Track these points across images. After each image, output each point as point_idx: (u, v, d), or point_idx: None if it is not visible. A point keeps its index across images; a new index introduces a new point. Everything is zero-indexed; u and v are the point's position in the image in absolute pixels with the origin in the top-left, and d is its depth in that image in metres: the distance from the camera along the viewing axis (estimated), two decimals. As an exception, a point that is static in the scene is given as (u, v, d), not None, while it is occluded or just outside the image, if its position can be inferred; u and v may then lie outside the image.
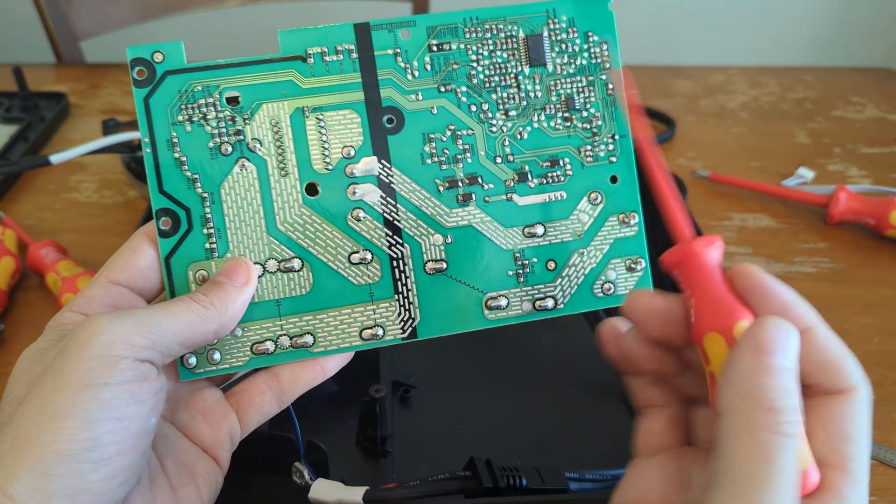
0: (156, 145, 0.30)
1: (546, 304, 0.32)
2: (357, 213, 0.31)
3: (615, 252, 0.33)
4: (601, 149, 0.33)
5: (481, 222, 0.32)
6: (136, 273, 0.29)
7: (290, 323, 0.30)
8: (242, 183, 0.30)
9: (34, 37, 1.13)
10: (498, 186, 0.32)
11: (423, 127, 0.32)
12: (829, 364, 0.24)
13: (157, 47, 0.30)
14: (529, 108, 0.32)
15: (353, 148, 0.31)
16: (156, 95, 0.30)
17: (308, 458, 0.35)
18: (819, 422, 0.24)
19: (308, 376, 0.31)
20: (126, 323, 0.25)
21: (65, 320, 0.27)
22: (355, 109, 0.31)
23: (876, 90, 0.87)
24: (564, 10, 0.32)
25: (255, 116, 0.30)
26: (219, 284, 0.29)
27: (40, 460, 0.23)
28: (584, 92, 0.33)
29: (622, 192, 0.33)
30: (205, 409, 0.30)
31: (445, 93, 0.32)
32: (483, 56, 0.32)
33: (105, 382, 0.24)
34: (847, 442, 0.23)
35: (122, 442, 0.24)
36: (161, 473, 0.28)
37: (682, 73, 0.90)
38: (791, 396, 0.22)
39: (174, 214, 0.30)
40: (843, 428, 0.23)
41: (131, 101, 0.79)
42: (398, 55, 0.31)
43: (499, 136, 0.32)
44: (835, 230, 0.62)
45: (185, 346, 0.27)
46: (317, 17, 1.47)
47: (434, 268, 0.31)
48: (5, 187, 0.62)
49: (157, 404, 0.26)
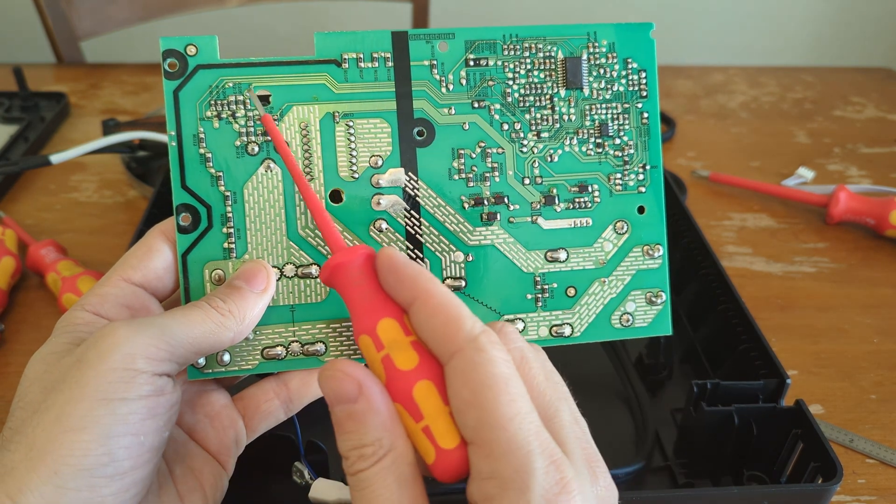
0: (182, 139, 0.29)
1: (563, 331, 0.32)
2: (380, 224, 0.31)
3: (637, 283, 0.33)
4: (631, 178, 0.33)
5: (504, 243, 0.32)
6: (150, 273, 0.28)
7: (303, 330, 0.30)
8: (266, 184, 0.30)
9: (34, 37, 1.13)
10: (524, 208, 0.32)
11: (453, 142, 0.31)
12: (432, 335, 0.23)
13: (191, 40, 0.29)
14: (562, 131, 0.32)
15: (381, 158, 0.31)
16: (186, 89, 0.29)
17: (308, 458, 0.34)
18: (450, 398, 0.23)
19: (317, 386, 0.30)
20: (146, 335, 0.25)
21: (77, 320, 0.27)
22: (386, 119, 0.31)
23: (876, 90, 0.87)
24: (606, 34, 0.32)
25: (285, 118, 0.30)
26: (237, 289, 0.28)
27: (55, 473, 0.22)
28: (618, 119, 0.33)
29: (649, 224, 0.33)
30: (212, 412, 0.30)
31: (478, 109, 0.31)
32: (520, 75, 0.32)
33: (123, 397, 0.24)
34: (469, 409, 0.22)
35: (138, 457, 0.24)
36: (169, 480, 0.28)
37: (682, 73, 0.90)
38: (361, 436, 0.23)
39: (195, 211, 0.29)
40: (460, 396, 0.22)
41: (131, 101, 0.79)
42: (434, 67, 0.31)
43: (529, 157, 0.32)
44: (835, 230, 0.62)
45: (200, 354, 0.27)
46: (317, 17, 1.47)
47: (452, 285, 0.31)
48: (5, 187, 0.62)
49: (171, 417, 0.26)
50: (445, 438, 0.22)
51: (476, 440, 0.22)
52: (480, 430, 0.21)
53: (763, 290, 0.55)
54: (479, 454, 0.21)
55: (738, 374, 0.41)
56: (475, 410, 0.22)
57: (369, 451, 0.22)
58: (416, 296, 0.24)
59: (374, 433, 0.22)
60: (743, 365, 0.40)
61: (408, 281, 0.24)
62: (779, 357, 0.38)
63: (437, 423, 0.23)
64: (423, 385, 0.23)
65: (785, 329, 0.51)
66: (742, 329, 0.41)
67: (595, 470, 0.23)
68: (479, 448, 0.21)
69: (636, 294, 0.33)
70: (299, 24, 1.44)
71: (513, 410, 0.21)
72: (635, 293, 0.33)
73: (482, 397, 0.22)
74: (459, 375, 0.22)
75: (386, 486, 0.22)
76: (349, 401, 0.23)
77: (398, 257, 0.25)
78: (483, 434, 0.21)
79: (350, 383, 0.23)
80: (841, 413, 0.44)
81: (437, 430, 0.23)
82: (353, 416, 0.23)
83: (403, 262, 0.24)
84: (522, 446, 0.21)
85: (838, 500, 0.39)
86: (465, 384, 0.22)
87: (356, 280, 0.25)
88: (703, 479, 0.39)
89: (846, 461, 0.41)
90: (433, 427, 0.23)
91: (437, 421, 0.23)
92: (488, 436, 0.21)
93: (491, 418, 0.21)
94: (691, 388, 0.37)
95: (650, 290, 0.33)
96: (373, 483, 0.22)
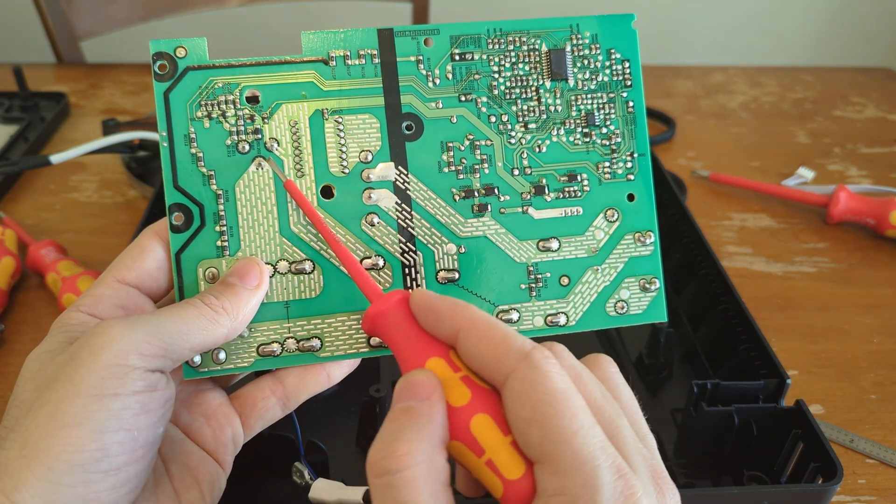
0: (173, 140, 0.29)
1: (558, 320, 0.32)
2: (371, 219, 0.31)
3: (630, 271, 0.33)
4: (619, 166, 0.33)
5: (496, 234, 0.32)
6: (143, 273, 0.29)
7: (298, 326, 0.30)
8: (258, 182, 0.30)
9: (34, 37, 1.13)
10: (514, 199, 0.32)
11: (441, 135, 0.31)
12: (483, 361, 0.23)
13: (181, 42, 0.30)
14: (549, 122, 0.32)
15: (370, 153, 0.31)
16: (176, 90, 0.30)
17: (308, 458, 0.34)
18: (510, 420, 0.22)
19: (313, 382, 0.30)
20: (138, 331, 0.25)
21: (72, 320, 0.27)
22: (375, 114, 0.31)
23: (876, 90, 0.87)
24: (588, 26, 0.33)
25: (274, 116, 0.30)
26: (230, 286, 0.28)
27: (49, 469, 0.22)
28: (604, 108, 0.33)
29: (639, 211, 0.33)
30: (208, 411, 0.30)
31: (466, 102, 0.32)
32: (505, 68, 0.32)
33: (116, 393, 0.24)
34: (531, 428, 0.21)
35: (131, 452, 0.24)
36: (165, 478, 0.28)
37: (682, 73, 0.90)
38: (406, 432, 0.22)
39: (187, 210, 0.30)
40: (520, 416, 0.22)
41: (131, 101, 0.79)
42: (420, 62, 0.31)
43: (517, 149, 0.32)
44: (835, 230, 0.62)
45: (194, 351, 0.27)
46: (317, 17, 1.47)
47: (446, 277, 0.31)
48: (5, 187, 0.62)
49: (165, 413, 0.26)
50: (510, 468, 0.22)
51: (541, 458, 0.21)
52: (544, 447, 0.21)
53: (763, 290, 0.55)
54: (544, 471, 0.21)
55: (738, 374, 0.41)
56: (537, 428, 0.21)
57: (404, 450, 0.21)
58: (458, 327, 0.23)
59: (418, 434, 0.22)
60: (743, 365, 0.40)
61: (446, 315, 0.24)
62: (779, 357, 0.38)
63: (500, 454, 0.22)
64: (479, 419, 0.22)
65: (785, 329, 0.51)
66: (742, 329, 0.41)
67: (662, 487, 0.23)
68: (544, 465, 0.21)
69: (630, 281, 0.33)
70: (299, 23, 1.44)
71: (576, 425, 0.21)
72: (629, 280, 0.33)
73: (542, 414, 0.21)
74: (517, 395, 0.22)
75: (418, 497, 0.21)
76: (417, 397, 0.22)
77: (430, 295, 0.24)
78: (547, 450, 0.21)
79: (427, 385, 0.23)
80: (841, 413, 0.44)
81: (500, 461, 0.22)
82: (410, 412, 0.22)
83: (437, 298, 0.24)
84: (589, 461, 0.20)
85: (838, 500, 0.39)
86: (524, 403, 0.21)
87: (398, 324, 0.25)
88: (703, 479, 0.39)
89: (846, 461, 0.41)
90: (496, 459, 0.22)
91: (500, 452, 0.22)
92: (553, 452, 0.21)
93: (554, 434, 0.21)
94: (691, 388, 0.37)
95: (643, 277, 0.33)
96: (403, 491, 0.21)
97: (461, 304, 0.24)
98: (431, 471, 0.21)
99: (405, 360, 0.25)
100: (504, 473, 0.22)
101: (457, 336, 0.24)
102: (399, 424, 0.22)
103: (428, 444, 0.22)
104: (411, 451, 0.21)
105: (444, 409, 0.23)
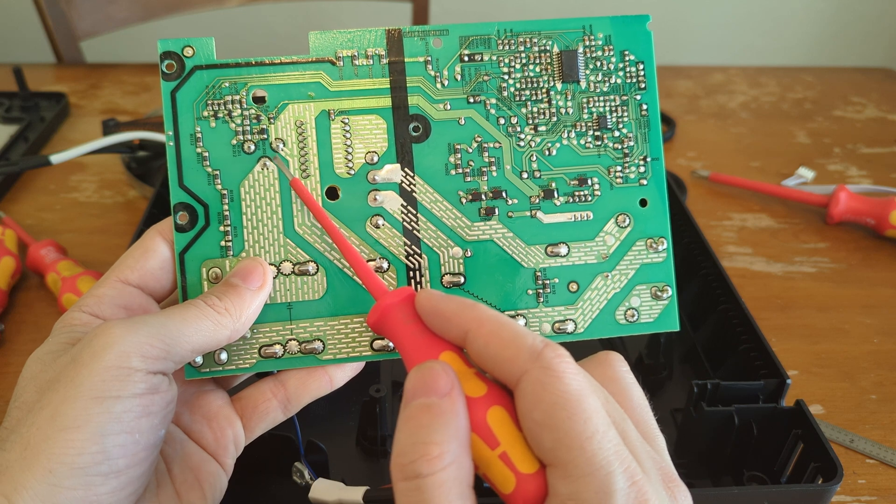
0: (179, 139, 0.29)
1: (566, 328, 0.31)
2: (376, 220, 0.31)
3: (641, 278, 0.32)
4: (632, 170, 0.32)
5: (503, 238, 0.31)
6: (147, 274, 0.28)
7: (301, 328, 0.30)
8: (263, 182, 0.30)
9: (34, 37, 1.13)
10: (522, 202, 0.32)
11: (449, 137, 0.31)
12: (494, 362, 0.22)
13: (188, 42, 0.30)
14: (559, 125, 0.32)
15: (376, 154, 0.31)
16: (183, 89, 0.30)
17: (308, 458, 0.34)
18: (522, 421, 0.22)
19: (315, 385, 0.30)
20: (140, 333, 0.25)
21: (74, 321, 0.27)
22: (382, 115, 0.31)
23: (876, 90, 0.87)
24: (601, 27, 0.32)
25: (281, 116, 0.30)
26: (233, 287, 0.28)
27: (50, 472, 0.22)
28: (616, 111, 0.32)
29: (652, 217, 0.32)
30: (210, 413, 0.30)
31: (474, 104, 0.31)
32: (515, 69, 0.32)
33: (117, 395, 0.23)
34: (543, 431, 0.21)
35: (133, 455, 0.24)
36: (167, 479, 0.28)
37: (682, 73, 0.90)
38: (433, 432, 0.21)
39: (192, 209, 0.30)
40: (532, 419, 0.21)
41: (131, 101, 0.79)
42: (428, 63, 0.31)
43: (526, 151, 0.32)
44: (835, 230, 0.62)
45: (196, 352, 0.27)
46: (317, 16, 1.47)
47: (451, 281, 0.31)
48: (5, 187, 0.62)
49: (166, 416, 0.26)
50: (525, 463, 0.21)
51: (554, 461, 0.21)
52: (557, 451, 0.20)
53: (763, 290, 0.55)
54: (557, 475, 0.21)
55: (738, 374, 0.41)
56: (550, 432, 0.21)
57: (435, 452, 0.20)
58: (466, 328, 0.23)
59: (446, 434, 0.21)
60: (743, 365, 0.40)
61: (453, 315, 0.23)
62: (779, 357, 0.38)
63: (515, 448, 0.22)
64: (496, 411, 0.22)
65: (785, 329, 0.51)
66: (742, 329, 0.41)
67: (673, 490, 0.22)
68: (557, 469, 0.21)
69: (641, 289, 0.32)
70: (299, 23, 1.44)
71: (590, 429, 0.20)
72: (640, 288, 0.32)
73: (555, 418, 0.21)
74: (529, 398, 0.21)
75: (447, 500, 0.20)
76: (437, 393, 0.22)
77: (436, 295, 0.24)
78: (561, 455, 0.20)
79: (446, 379, 0.22)
80: (841, 413, 0.44)
81: (515, 455, 0.21)
82: (433, 410, 0.21)
83: (443, 299, 0.24)
84: (603, 467, 0.20)
85: (838, 501, 0.39)
86: (536, 406, 0.21)
87: (409, 318, 0.25)
88: (703, 479, 0.39)
89: (846, 461, 0.41)
90: (511, 452, 0.22)
91: (515, 446, 0.22)
92: (566, 457, 0.20)
93: (567, 438, 0.20)
94: (691, 389, 0.37)
95: (655, 285, 0.32)
96: (434, 494, 0.20)
97: (468, 303, 0.24)
98: (460, 472, 0.21)
99: (416, 355, 0.24)
100: (518, 467, 0.21)
101: (465, 337, 0.23)
102: (421, 423, 0.21)
103: (456, 444, 0.21)
104: (442, 453, 0.21)
105: (465, 405, 0.22)
